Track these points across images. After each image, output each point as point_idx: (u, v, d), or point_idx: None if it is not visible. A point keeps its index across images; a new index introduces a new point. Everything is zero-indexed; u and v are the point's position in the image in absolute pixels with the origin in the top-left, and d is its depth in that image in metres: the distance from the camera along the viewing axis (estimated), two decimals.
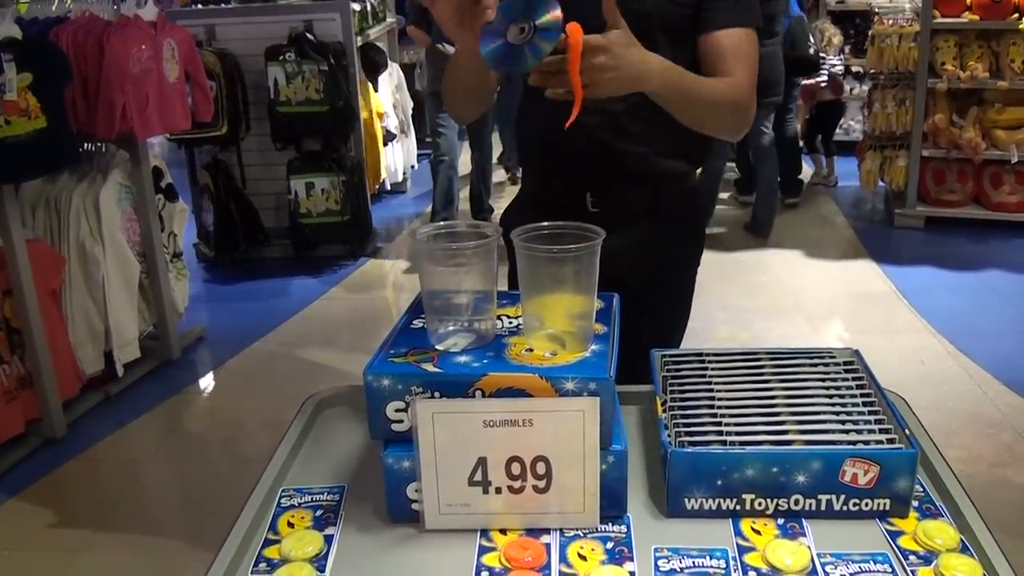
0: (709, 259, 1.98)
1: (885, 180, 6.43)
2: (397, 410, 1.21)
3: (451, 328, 1.30)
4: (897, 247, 5.98)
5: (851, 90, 8.43)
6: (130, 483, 3.52)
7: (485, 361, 1.23)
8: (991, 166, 6.04)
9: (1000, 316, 4.80)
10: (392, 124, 6.74)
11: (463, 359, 1.24)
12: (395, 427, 1.22)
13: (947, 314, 4.74)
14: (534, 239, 1.26)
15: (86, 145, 4.09)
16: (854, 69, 8.38)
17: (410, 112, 7.17)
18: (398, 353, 1.26)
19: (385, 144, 6.56)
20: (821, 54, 6.94)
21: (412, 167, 7.46)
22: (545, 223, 1.29)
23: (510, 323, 1.35)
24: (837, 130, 8.33)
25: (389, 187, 7.10)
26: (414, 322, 1.37)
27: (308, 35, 5.44)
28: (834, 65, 7.16)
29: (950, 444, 3.38)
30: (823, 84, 7.02)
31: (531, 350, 1.25)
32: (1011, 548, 1.15)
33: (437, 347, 1.28)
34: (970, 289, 5.17)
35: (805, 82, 6.90)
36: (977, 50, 5.93)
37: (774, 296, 5.14)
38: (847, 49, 8.31)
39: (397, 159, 6.98)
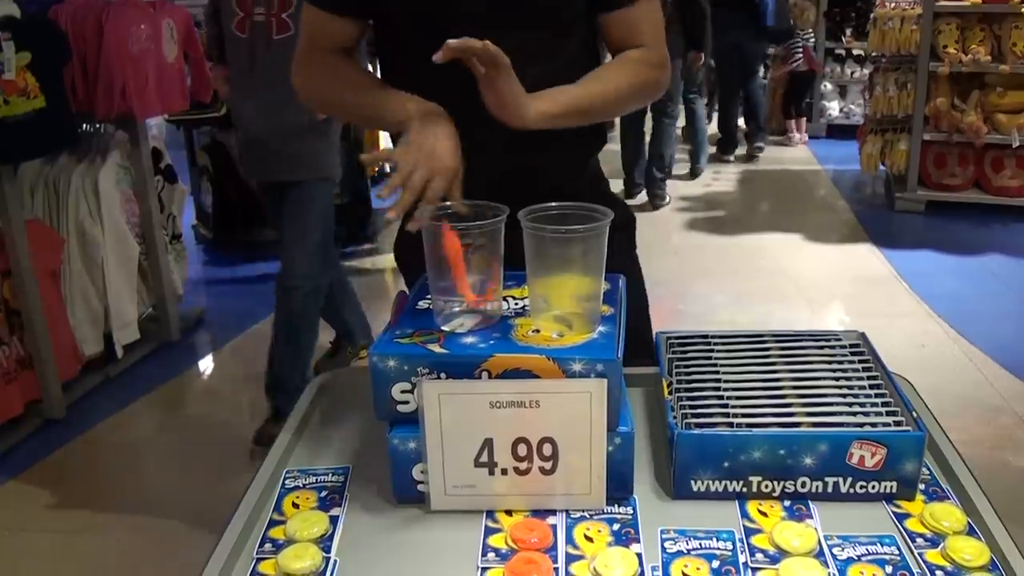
0: (709, 243, 1.96)
1: (886, 164, 6.42)
2: (403, 391, 1.20)
3: (456, 309, 1.29)
4: (898, 231, 5.98)
5: (852, 73, 8.44)
6: (130, 464, 3.51)
7: (491, 342, 1.22)
8: (992, 150, 6.03)
9: (1000, 300, 4.80)
10: None
11: (469, 340, 1.23)
12: (401, 408, 1.21)
13: (947, 298, 4.73)
14: (541, 219, 1.25)
15: (85, 126, 4.07)
16: (855, 52, 8.39)
17: None
18: (404, 334, 1.25)
19: None
20: (797, 29, 7.71)
21: None
22: (552, 203, 1.28)
23: (516, 304, 1.34)
24: (837, 113, 8.45)
25: (388, 169, 7.07)
26: (419, 303, 1.36)
27: None
28: (808, 38, 7.88)
29: (950, 428, 3.33)
30: (798, 59, 7.85)
31: (537, 331, 1.25)
32: (1012, 533, 1.15)
33: (443, 328, 1.27)
34: (970, 273, 5.17)
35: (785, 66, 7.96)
36: (979, 33, 5.92)
37: (774, 280, 5.13)
38: (849, 33, 8.33)
39: None
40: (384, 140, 6.57)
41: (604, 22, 1.58)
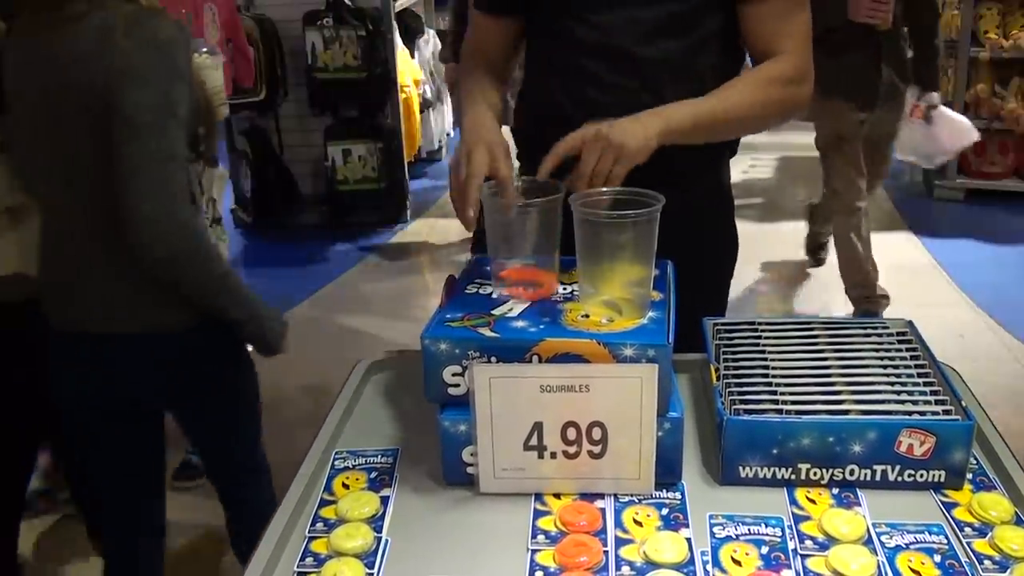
0: (746, 230, 1.94)
1: None
2: (454, 374, 1.21)
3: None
4: (937, 219, 5.91)
5: None
6: (172, 444, 3.54)
7: (542, 326, 1.23)
8: None
9: None
10: (428, 91, 6.72)
11: (520, 324, 1.24)
12: (452, 391, 1.22)
13: (987, 287, 4.69)
14: (592, 204, 1.25)
15: None
16: None
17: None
18: (455, 318, 1.26)
19: (421, 111, 6.55)
20: None
21: (448, 135, 7.45)
22: (604, 188, 1.29)
23: (564, 289, 1.35)
24: None
25: (425, 154, 7.10)
26: (468, 287, 1.38)
27: (346, 0, 5.43)
28: None
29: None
30: None
31: (587, 316, 1.26)
32: None
33: (492, 312, 1.28)
34: (1010, 262, 5.12)
35: None
36: (1021, 18, 5.84)
37: (814, 268, 5.10)
38: None
39: (433, 126, 6.98)
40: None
41: (742, 16, 1.54)
